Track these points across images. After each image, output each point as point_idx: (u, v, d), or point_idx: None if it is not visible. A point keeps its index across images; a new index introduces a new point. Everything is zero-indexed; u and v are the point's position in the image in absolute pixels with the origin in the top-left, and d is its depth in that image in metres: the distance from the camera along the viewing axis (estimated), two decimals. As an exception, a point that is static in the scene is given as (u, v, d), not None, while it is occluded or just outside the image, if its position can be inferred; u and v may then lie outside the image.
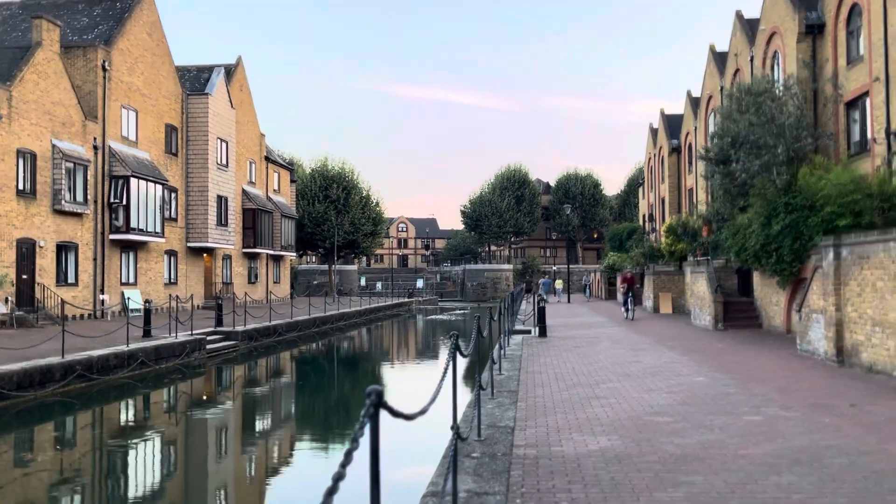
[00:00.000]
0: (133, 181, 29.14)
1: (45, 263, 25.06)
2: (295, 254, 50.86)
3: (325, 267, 70.08)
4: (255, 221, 42.33)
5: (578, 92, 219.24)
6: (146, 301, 21.61)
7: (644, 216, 66.11)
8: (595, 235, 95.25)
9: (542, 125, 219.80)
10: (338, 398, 18.61)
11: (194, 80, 38.13)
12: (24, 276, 24.06)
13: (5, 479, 10.18)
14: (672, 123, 53.80)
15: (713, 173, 26.47)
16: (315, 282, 71.10)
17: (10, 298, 22.95)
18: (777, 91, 20.15)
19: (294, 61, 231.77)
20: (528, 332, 22.54)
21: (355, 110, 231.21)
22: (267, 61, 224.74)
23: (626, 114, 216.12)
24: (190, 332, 22.04)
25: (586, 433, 7.65)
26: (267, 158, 46.51)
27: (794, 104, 18.34)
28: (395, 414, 2.78)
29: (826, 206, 15.67)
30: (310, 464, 11.43)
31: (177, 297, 25.98)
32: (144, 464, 11.28)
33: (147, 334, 20.89)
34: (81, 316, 26.84)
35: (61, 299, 24.67)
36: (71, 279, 26.55)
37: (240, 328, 25.17)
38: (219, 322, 25.55)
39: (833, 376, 11.64)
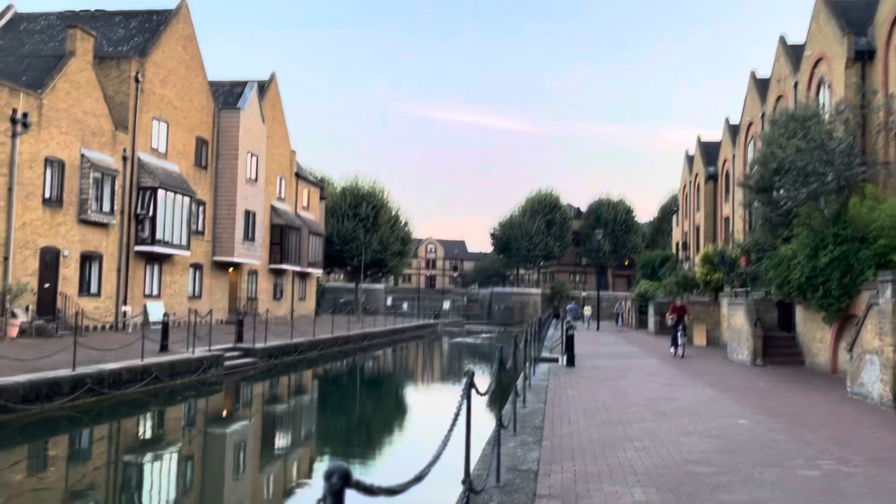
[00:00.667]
0: (161, 193, 28.96)
1: (69, 273, 24.85)
2: (321, 271, 50.51)
3: (353, 285, 69.67)
4: (282, 237, 42.04)
5: (612, 118, 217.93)
6: (164, 314, 21.19)
7: (677, 244, 64.77)
8: (626, 262, 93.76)
9: (574, 150, 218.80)
10: (356, 420, 17.89)
11: (227, 95, 38.12)
12: (47, 286, 23.84)
13: (-4, 499, 9.61)
14: (709, 150, 52.68)
15: (753, 201, 25.47)
16: (342, 300, 70.69)
17: (30, 307, 22.71)
18: (826, 117, 19.20)
19: (324, 81, 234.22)
20: (556, 360, 21.64)
21: (387, 132, 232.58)
22: (301, 80, 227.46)
23: (661, 142, 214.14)
24: (207, 348, 21.54)
25: (619, 483, 6.82)
26: (297, 175, 46.37)
27: (844, 130, 17.37)
28: (368, 491, 2.07)
29: (880, 239, 14.67)
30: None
31: (195, 311, 25.51)
32: (146, 484, 10.66)
33: (164, 349, 20.41)
34: (103, 327, 26.56)
35: (81, 309, 24.37)
36: (94, 290, 26.31)
37: (259, 345, 24.63)
38: (239, 338, 25.04)
39: (892, 424, 10.63)
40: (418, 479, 2.83)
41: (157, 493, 10.33)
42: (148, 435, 14.81)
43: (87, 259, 26.01)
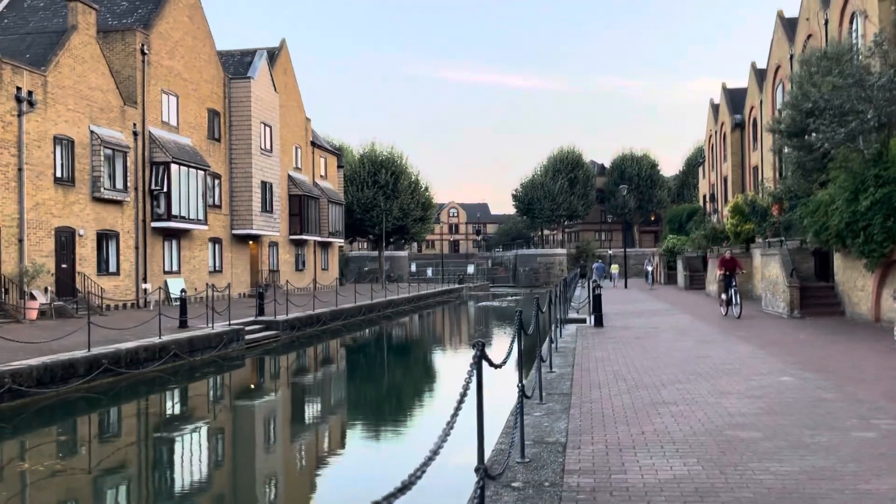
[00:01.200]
0: (174, 167, 28.53)
1: (86, 252, 24.62)
2: (342, 240, 50.15)
3: (376, 254, 69.36)
4: (301, 207, 41.60)
5: (633, 72, 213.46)
6: (181, 290, 20.86)
7: (704, 197, 63.28)
8: (652, 218, 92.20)
9: (595, 107, 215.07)
10: (384, 390, 17.46)
11: (237, 65, 37.41)
12: (64, 266, 23.63)
13: (12, 484, 9.28)
14: (735, 98, 50.97)
15: (784, 147, 24.35)
16: (366, 268, 70.49)
17: (49, 289, 22.53)
18: (862, 51, 18.00)
19: (340, 47, 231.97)
20: (583, 321, 20.99)
21: (405, 96, 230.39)
22: (313, 47, 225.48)
23: (683, 93, 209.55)
24: (228, 323, 21.21)
25: (656, 454, 6.19)
26: (313, 143, 45.73)
27: (883, 63, 16.23)
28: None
29: (926, 178, 13.68)
30: (353, 460, 10.25)
31: (212, 285, 25.18)
32: (170, 466, 10.29)
33: (183, 325, 20.12)
34: (124, 305, 26.41)
35: (101, 289, 24.20)
36: (112, 268, 26.10)
37: (281, 317, 24.29)
38: (260, 311, 24.73)
39: (947, 376, 9.86)
40: (408, 485, 2.23)
41: (182, 472, 9.95)
42: (167, 414, 14.50)
43: (104, 237, 25.75)
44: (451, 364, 22.11)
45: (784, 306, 19.46)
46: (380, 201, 61.63)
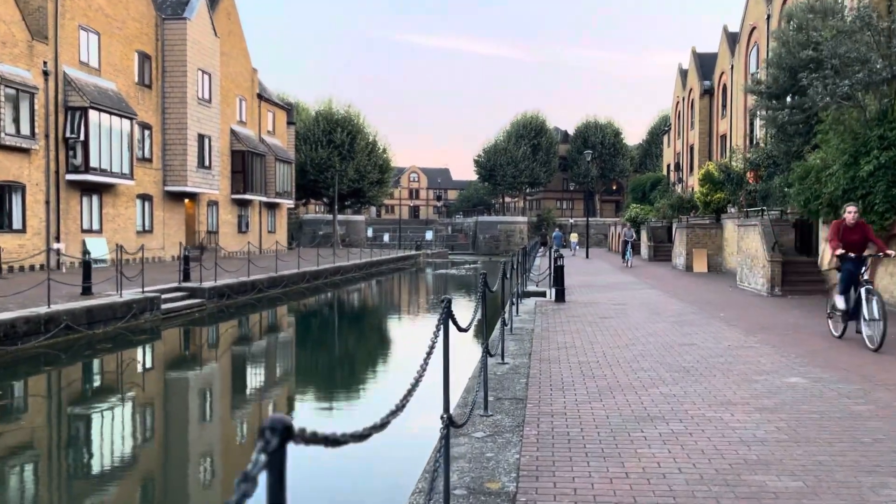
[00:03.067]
0: (92, 113, 25.43)
1: (-18, 206, 21.62)
2: (291, 201, 47.28)
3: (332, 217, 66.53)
4: (244, 164, 38.62)
5: (599, 43, 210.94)
6: (84, 252, 18.10)
7: (669, 166, 61.72)
8: (614, 187, 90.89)
9: (560, 76, 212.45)
10: (317, 365, 15.14)
11: (175, 7, 34.01)
12: (-46, 221, 20.64)
13: None
14: (705, 63, 49.04)
15: (764, 109, 22.42)
16: (321, 232, 67.71)
17: (-66, 246, 19.57)
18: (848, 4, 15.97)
19: (299, 4, 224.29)
20: (543, 294, 18.93)
21: (368, 58, 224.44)
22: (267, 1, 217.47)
23: (648, 66, 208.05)
24: (141, 290, 18.58)
25: (651, 522, 4.02)
26: (260, 96, 42.54)
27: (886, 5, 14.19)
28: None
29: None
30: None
31: (121, 247, 22.40)
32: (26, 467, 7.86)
33: (87, 291, 17.44)
34: (31, 267, 23.49)
35: (-1, 248, 21.30)
36: (17, 225, 23.13)
37: (208, 284, 21.72)
38: (185, 276, 22.13)
39: None
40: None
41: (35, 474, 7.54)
42: (30, 399, 11.98)
43: (6, 189, 22.71)
44: (398, 337, 19.90)
45: (764, 283, 17.62)
46: (335, 162, 58.68)
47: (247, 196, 38.91)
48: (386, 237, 78.36)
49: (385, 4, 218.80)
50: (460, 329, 5.10)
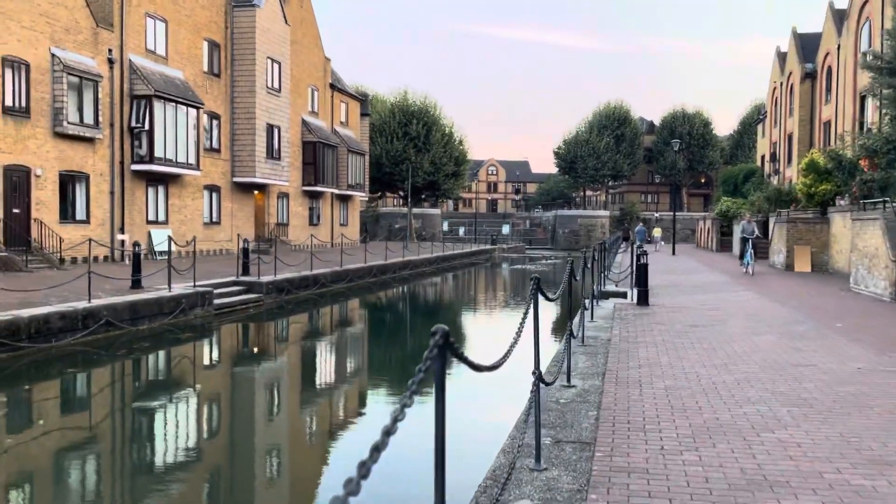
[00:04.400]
0: (157, 102, 24.94)
1: (45, 196, 21.31)
2: (364, 193, 46.41)
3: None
4: (316, 156, 37.88)
5: (687, 31, 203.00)
6: (135, 244, 17.32)
7: (763, 157, 57.72)
8: (703, 180, 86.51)
9: (646, 66, 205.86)
10: (375, 366, 13.77)
11: (248, -3, 33.44)
12: (16, 211, 20.37)
13: None
14: (806, 44, 45.20)
15: (886, 86, 19.65)
16: (397, 226, 66.96)
17: (-6, 236, 19.29)
18: None
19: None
20: (623, 295, 16.97)
21: (446, 52, 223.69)
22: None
23: (740, 55, 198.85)
24: (192, 284, 17.69)
25: None
26: (332, 87, 41.76)
27: None
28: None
29: None
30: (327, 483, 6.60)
31: (170, 239, 21.65)
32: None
33: (136, 285, 16.67)
34: (95, 258, 23.14)
35: (60, 238, 20.93)
36: (80, 215, 22.82)
37: (266, 278, 20.75)
38: (245, 270, 21.24)
39: None
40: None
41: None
42: (47, 407, 11.03)
43: (70, 180, 22.41)
44: (466, 334, 18.34)
45: (886, 286, 15.10)
46: (410, 154, 57.65)
47: (318, 188, 38.18)
48: (461, 231, 76.99)
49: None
50: (548, 298, 4.96)
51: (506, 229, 77.01)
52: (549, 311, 19.12)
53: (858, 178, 19.71)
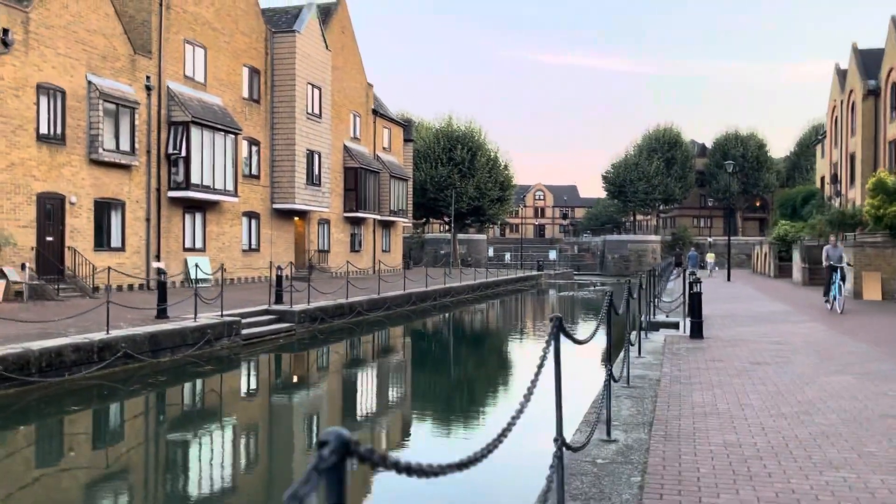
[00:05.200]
0: (195, 129, 24.74)
1: (80, 224, 21.12)
2: (407, 219, 45.80)
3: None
4: (357, 182, 37.44)
5: (738, 54, 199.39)
6: (159, 271, 16.83)
7: (823, 178, 55.23)
8: (758, 204, 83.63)
9: (697, 90, 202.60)
10: (409, 407, 12.80)
11: (289, 23, 33.41)
12: (50, 239, 20.17)
13: None
14: (868, 61, 43.12)
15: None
16: (442, 251, 66.26)
17: (27, 265, 19.06)
18: None
19: (425, 23, 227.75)
20: (675, 325, 15.70)
21: (493, 78, 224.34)
22: (406, 25, 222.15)
23: (795, 76, 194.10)
24: (220, 313, 17.06)
25: None
26: (375, 112, 41.44)
27: None
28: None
29: None
30: None
31: (183, 266, 21.12)
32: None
33: (162, 314, 16.11)
34: (130, 287, 22.87)
35: (92, 266, 20.64)
36: (115, 243, 22.58)
37: (299, 307, 20.04)
38: (278, 298, 20.60)
39: None
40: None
41: None
42: (48, 450, 10.33)
43: (105, 207, 22.21)
44: (502, 368, 17.23)
45: (974, 318, 13.49)
46: (455, 179, 57.04)
47: (360, 214, 37.68)
48: (507, 257, 75.82)
49: (510, 23, 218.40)
50: (575, 341, 4.37)
51: (552, 255, 75.55)
52: (592, 346, 17.88)
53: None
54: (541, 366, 3.33)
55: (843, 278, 17.92)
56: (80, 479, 8.42)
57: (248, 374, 15.68)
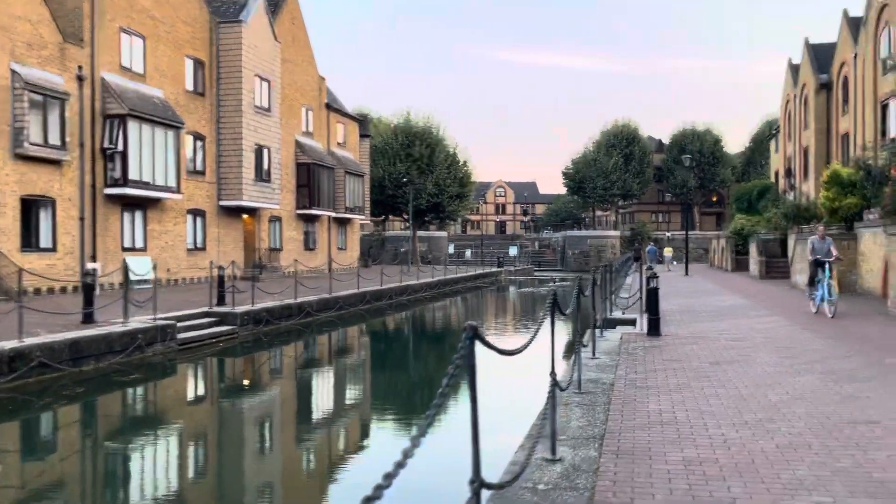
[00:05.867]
0: (132, 122, 23.44)
1: (4, 223, 19.74)
2: (363, 216, 44.74)
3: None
4: (311, 178, 36.32)
5: (695, 52, 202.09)
6: (87, 273, 15.67)
7: (778, 172, 55.73)
8: (714, 199, 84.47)
9: (654, 87, 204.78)
10: (339, 416, 11.92)
11: (235, 15, 32.09)
12: (-30, 239, 18.78)
13: None
14: (820, 55, 43.38)
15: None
16: (403, 249, 65.35)
17: (-56, 267, 17.68)
18: None
19: (381, 17, 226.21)
20: (633, 322, 15.12)
21: (453, 75, 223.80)
22: (363, 19, 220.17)
23: (749, 74, 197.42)
24: (153, 317, 15.96)
25: None
26: (328, 106, 40.32)
27: None
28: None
29: None
30: None
31: (118, 268, 20.01)
32: None
33: (88, 319, 14.96)
34: (63, 289, 21.53)
35: (19, 269, 19.29)
36: (45, 243, 21.22)
37: (242, 308, 19.01)
38: (220, 300, 19.53)
39: None
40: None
41: None
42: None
43: (33, 205, 20.84)
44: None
45: (934, 310, 13.14)
46: (413, 176, 56.15)
47: (313, 211, 36.57)
48: (468, 253, 75.23)
49: (471, 21, 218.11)
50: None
51: (513, 251, 75.20)
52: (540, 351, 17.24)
53: (892, 188, 17.80)
54: (443, 393, 2.55)
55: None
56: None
57: (179, 382, 14.64)
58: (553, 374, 5.62)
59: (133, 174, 23.51)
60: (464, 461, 3.12)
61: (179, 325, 16.41)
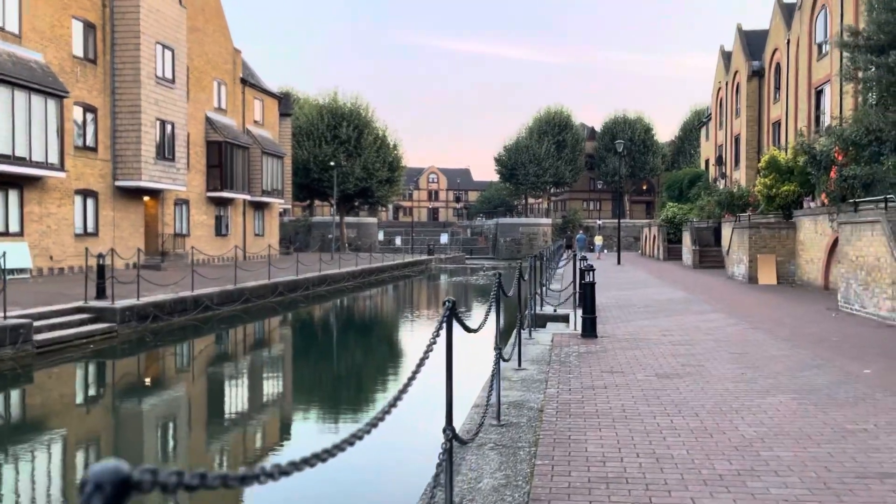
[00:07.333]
0: (3, 89, 20.42)
1: None
2: (283, 200, 42.06)
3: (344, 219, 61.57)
4: (222, 158, 33.53)
5: (629, 45, 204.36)
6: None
7: (708, 160, 55.62)
8: (645, 187, 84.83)
9: (589, 78, 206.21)
10: (225, 434, 9.77)
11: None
12: None
13: None
14: (753, 41, 42.94)
15: (866, 66, 16.72)
16: (330, 236, 62.72)
17: None
18: None
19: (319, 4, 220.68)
20: (565, 319, 13.45)
21: (386, 60, 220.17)
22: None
23: (681, 68, 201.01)
24: (1, 314, 13.37)
25: None
26: (244, 81, 37.46)
27: None
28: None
29: None
30: None
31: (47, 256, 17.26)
32: None
33: (-83, 318, 12.30)
34: (-86, 280, 18.44)
35: None
36: None
37: (125, 302, 16.52)
38: (101, 293, 16.97)
39: None
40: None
41: None
42: None
43: None
44: (370, 377, 14.45)
45: (893, 306, 11.90)
46: (340, 159, 53.62)
47: (225, 194, 33.82)
48: (398, 240, 73.17)
49: (407, 9, 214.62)
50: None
51: (444, 238, 73.51)
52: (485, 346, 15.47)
53: (838, 174, 16.67)
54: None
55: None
56: None
57: (24, 394, 12.15)
58: (449, 417, 3.70)
59: (4, 149, 20.51)
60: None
61: (39, 323, 13.89)
